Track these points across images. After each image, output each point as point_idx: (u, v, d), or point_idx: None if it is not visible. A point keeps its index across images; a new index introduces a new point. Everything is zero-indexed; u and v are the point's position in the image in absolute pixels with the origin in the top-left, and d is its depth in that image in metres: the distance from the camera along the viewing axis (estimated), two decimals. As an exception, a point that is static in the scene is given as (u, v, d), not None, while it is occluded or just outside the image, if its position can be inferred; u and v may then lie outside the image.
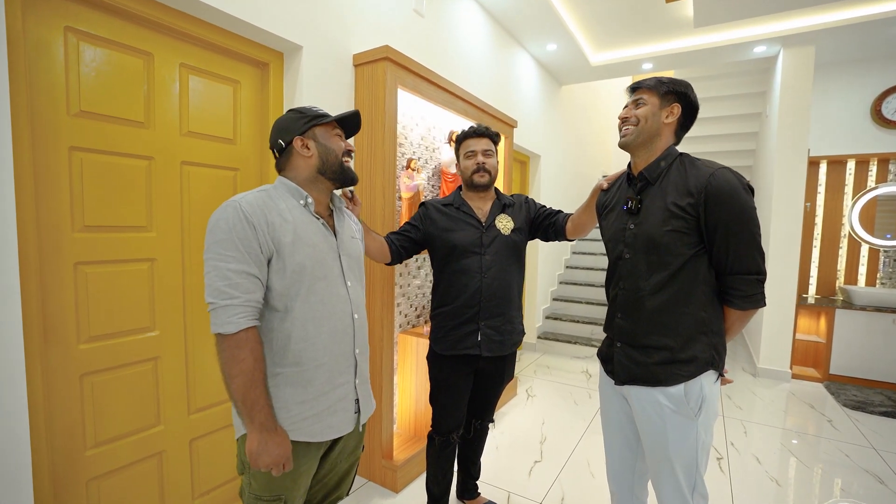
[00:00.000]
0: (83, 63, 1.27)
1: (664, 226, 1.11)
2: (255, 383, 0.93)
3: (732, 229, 1.06)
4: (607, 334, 1.30)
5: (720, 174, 1.07)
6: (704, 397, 1.12)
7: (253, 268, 0.95)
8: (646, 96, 1.17)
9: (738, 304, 1.11)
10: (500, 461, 2.31)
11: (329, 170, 1.11)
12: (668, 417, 1.12)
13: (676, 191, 1.11)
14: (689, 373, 1.11)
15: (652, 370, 1.14)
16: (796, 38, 3.43)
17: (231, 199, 0.98)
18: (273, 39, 1.69)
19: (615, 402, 1.29)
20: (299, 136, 1.08)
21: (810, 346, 3.83)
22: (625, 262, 1.20)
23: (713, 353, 1.12)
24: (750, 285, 1.09)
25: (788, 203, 3.56)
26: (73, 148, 1.26)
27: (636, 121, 1.17)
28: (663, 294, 1.13)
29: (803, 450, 2.49)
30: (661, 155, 1.17)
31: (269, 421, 0.94)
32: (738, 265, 1.08)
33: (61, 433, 1.27)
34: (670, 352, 1.12)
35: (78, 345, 1.30)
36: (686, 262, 1.10)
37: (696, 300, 1.11)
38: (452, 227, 1.61)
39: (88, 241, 1.31)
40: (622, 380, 1.20)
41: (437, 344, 1.63)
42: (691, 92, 1.18)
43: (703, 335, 1.12)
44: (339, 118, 1.13)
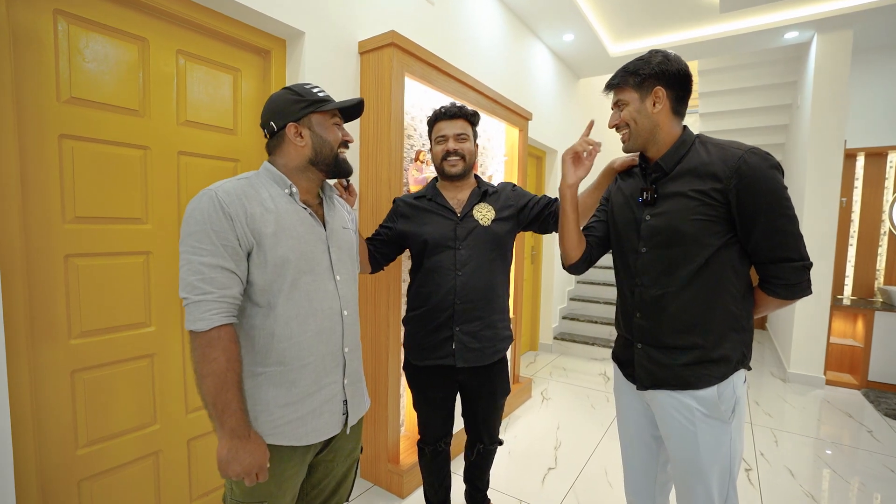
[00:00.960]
0: (74, 48, 1.22)
1: (689, 214, 1.00)
2: (228, 385, 0.85)
3: (772, 214, 0.95)
4: (622, 335, 1.19)
5: (751, 156, 0.96)
6: (738, 398, 1.03)
7: (228, 262, 0.88)
8: (623, 96, 1.07)
9: (782, 294, 1.00)
10: (513, 467, 2.20)
11: (322, 162, 1.02)
12: (700, 422, 1.01)
13: (698, 176, 1.00)
14: (720, 373, 1.01)
15: (679, 373, 1.03)
16: (832, 21, 3.22)
17: (208, 187, 0.91)
18: (274, 25, 1.63)
19: (635, 406, 1.18)
20: (294, 122, 0.99)
21: (846, 351, 3.60)
22: (641, 257, 1.09)
23: (744, 350, 1.03)
24: (796, 273, 0.98)
25: (823, 199, 3.35)
26: (63, 136, 1.22)
27: (626, 125, 1.08)
28: (691, 289, 1.02)
29: (840, 462, 2.31)
30: (677, 142, 1.06)
31: (240, 427, 0.87)
32: (781, 252, 0.97)
33: (51, 431, 1.22)
34: (701, 351, 1.01)
35: (69, 340, 1.26)
36: (714, 253, 0.99)
37: (727, 294, 1.01)
38: (424, 220, 1.46)
39: (80, 233, 1.26)
40: (646, 384, 1.09)
41: (410, 353, 1.50)
42: (667, 63, 1.02)
43: (735, 332, 1.02)
44: (339, 106, 1.04)
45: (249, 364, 0.94)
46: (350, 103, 1.06)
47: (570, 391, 3.28)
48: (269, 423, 0.94)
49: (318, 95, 1.02)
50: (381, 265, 1.53)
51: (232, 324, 0.89)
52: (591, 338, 4.29)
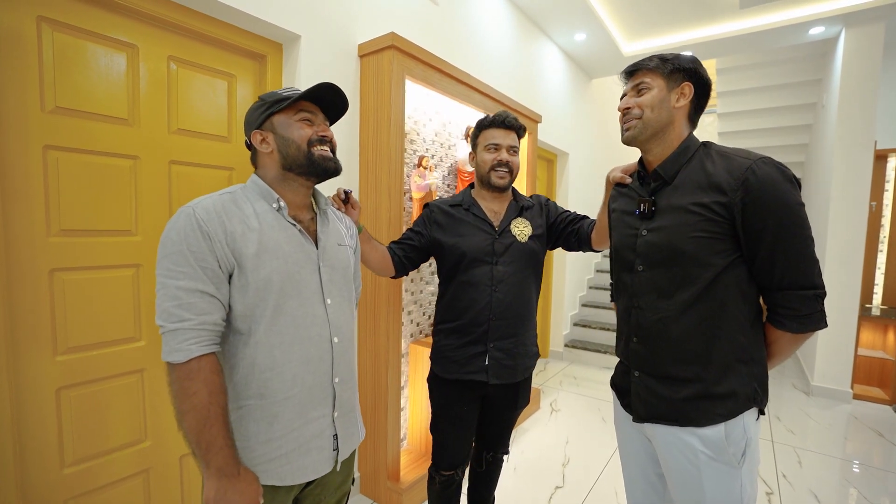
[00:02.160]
0: (59, 56, 1.19)
1: (689, 231, 0.90)
2: (211, 421, 0.78)
3: (782, 234, 0.84)
4: (620, 360, 1.10)
5: (761, 166, 0.86)
6: (749, 440, 0.91)
7: (208, 285, 0.81)
8: (648, 79, 0.97)
9: (790, 326, 0.90)
10: (518, 485, 2.12)
11: (294, 164, 0.93)
12: (705, 466, 0.91)
13: (700, 188, 0.91)
14: (726, 411, 0.90)
15: (679, 406, 0.93)
16: (861, 15, 3.05)
17: (188, 204, 0.85)
18: (269, 29, 1.58)
19: (635, 440, 1.09)
20: (257, 129, 0.93)
21: (875, 363, 3.41)
22: (638, 276, 1.00)
23: (755, 385, 0.91)
24: (806, 303, 0.87)
25: (851, 202, 3.18)
26: (48, 146, 1.18)
27: (640, 112, 0.97)
28: (691, 314, 0.92)
29: (869, 484, 2.16)
30: (679, 147, 0.97)
31: (228, 465, 0.79)
32: (791, 278, 0.87)
33: (35, 450, 1.19)
34: (703, 384, 0.91)
35: (55, 356, 1.22)
36: (718, 274, 0.89)
37: (733, 321, 0.91)
38: (461, 231, 1.41)
39: (66, 246, 1.23)
40: (641, 416, 1.00)
41: (438, 365, 1.44)
42: (700, 66, 0.98)
43: (742, 364, 0.91)
44: (303, 96, 0.93)
45: (232, 397, 0.87)
46: (313, 90, 0.93)
47: (581, 402, 3.17)
48: (249, 460, 0.86)
49: (280, 95, 0.93)
50: (407, 270, 1.48)
51: (214, 353, 0.82)
52: (604, 345, 4.16)
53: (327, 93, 0.96)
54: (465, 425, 1.44)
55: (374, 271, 1.41)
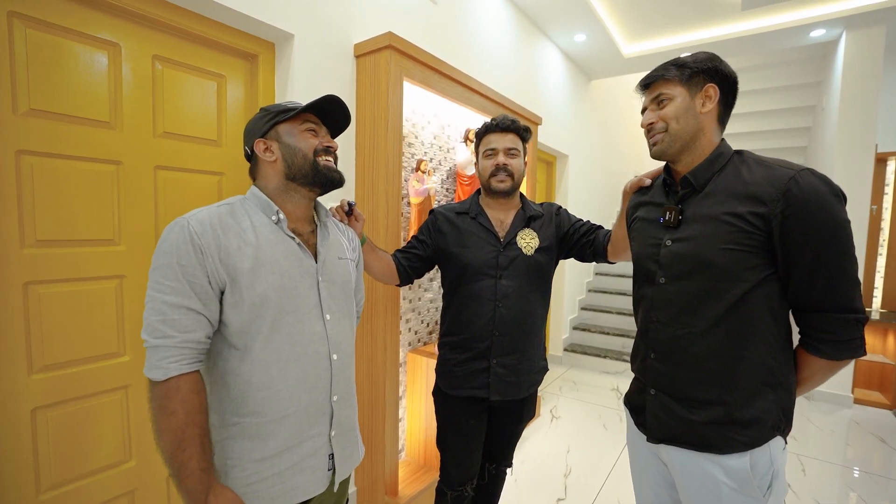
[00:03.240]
0: (33, 56, 1.11)
1: (720, 243, 0.84)
2: (186, 443, 0.75)
3: (824, 252, 0.79)
4: (636, 376, 1.04)
5: (806, 177, 0.80)
6: (776, 471, 0.86)
7: (195, 302, 0.78)
8: (667, 89, 0.91)
9: (826, 352, 0.84)
10: (519, 497, 2.06)
11: (299, 174, 0.91)
12: (728, 498, 0.85)
13: (735, 197, 0.85)
14: (749, 438, 0.84)
15: (699, 430, 0.88)
16: (863, 17, 3.02)
17: (183, 216, 0.81)
18: (261, 28, 1.51)
19: (650, 462, 1.03)
20: (260, 138, 0.91)
21: (875, 367, 3.39)
22: (659, 289, 0.94)
23: (780, 414, 0.86)
24: (847, 328, 0.81)
25: (851, 206, 3.11)
26: (20, 151, 1.10)
27: (664, 126, 0.91)
28: (717, 333, 0.86)
29: (873, 492, 2.13)
30: (712, 154, 0.91)
31: (198, 489, 0.76)
32: (830, 300, 0.81)
33: (7, 476, 1.11)
34: (725, 408, 0.86)
35: (30, 375, 1.14)
36: (749, 290, 0.83)
37: (762, 342, 0.85)
38: (464, 241, 1.35)
39: (42, 258, 1.15)
40: (657, 437, 0.94)
41: (442, 380, 1.39)
42: (721, 62, 0.91)
43: (770, 389, 0.85)
44: (305, 108, 0.92)
45: (224, 413, 0.84)
46: (319, 101, 0.92)
47: (582, 409, 3.12)
48: (240, 479, 0.83)
49: (285, 106, 0.93)
50: (412, 279, 1.43)
51: (197, 371, 0.79)
52: (603, 350, 4.12)
53: (332, 106, 0.95)
54: (474, 438, 1.39)
55: (378, 280, 1.37)
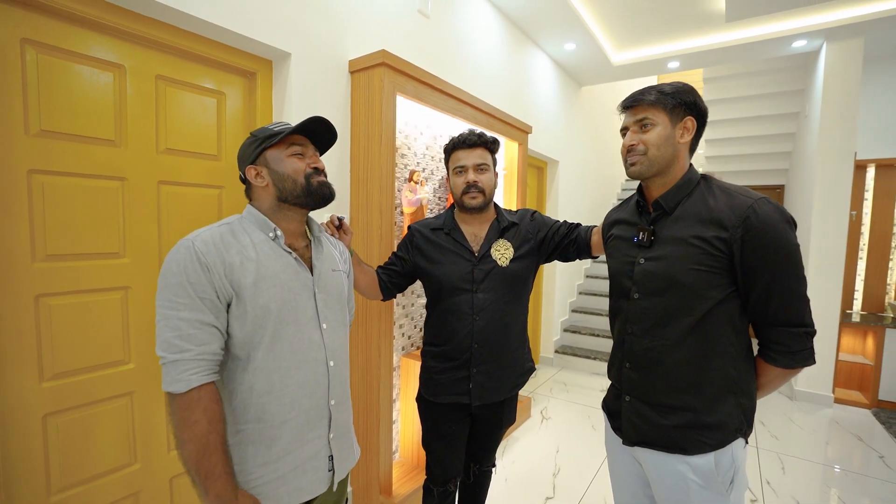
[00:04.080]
0: (44, 79, 1.17)
1: (688, 263, 0.92)
2: (211, 450, 0.80)
3: (778, 273, 0.88)
4: (613, 382, 1.12)
5: (763, 205, 0.89)
6: (737, 468, 0.95)
7: (208, 315, 0.83)
8: (651, 115, 0.97)
9: (781, 362, 0.93)
10: (509, 496, 2.14)
11: (290, 196, 0.96)
12: (695, 494, 0.94)
13: (701, 221, 0.93)
14: (714, 440, 0.93)
15: (670, 434, 0.96)
16: (842, 30, 3.13)
17: (187, 236, 0.87)
18: (259, 47, 1.57)
19: (626, 462, 1.11)
20: (251, 164, 0.96)
21: (855, 368, 3.50)
22: (633, 304, 1.02)
23: (742, 417, 0.94)
24: (797, 340, 0.90)
25: (831, 211, 3.26)
26: (32, 171, 1.16)
27: (644, 149, 0.98)
28: (686, 345, 0.94)
29: (852, 492, 2.22)
30: (681, 180, 0.99)
31: (227, 492, 0.81)
32: (784, 316, 0.90)
33: (19, 479, 1.17)
34: (693, 414, 0.94)
35: (41, 383, 1.20)
36: (713, 307, 0.92)
37: (725, 353, 0.93)
38: (440, 258, 1.39)
39: (52, 271, 1.21)
40: (632, 440, 1.03)
41: (425, 387, 1.45)
42: (698, 97, 1.00)
43: (733, 396, 0.94)
44: (293, 131, 0.96)
45: (230, 421, 0.90)
46: (305, 124, 0.96)
47: (571, 409, 3.20)
48: (248, 482, 0.89)
49: (272, 131, 0.96)
50: (393, 294, 1.48)
51: (213, 382, 0.85)
52: (593, 351, 4.21)
53: (318, 126, 0.98)
54: (456, 441, 1.45)
55: (363, 295, 1.42)
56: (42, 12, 1.15)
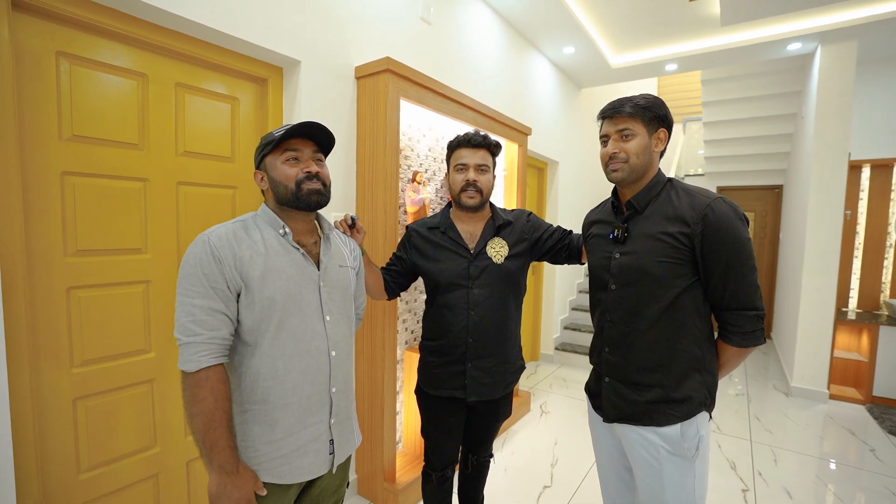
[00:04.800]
0: (76, 88, 1.27)
1: (657, 256, 1.03)
2: (215, 424, 0.89)
3: (732, 263, 0.99)
4: (594, 367, 1.21)
5: (719, 204, 1.00)
6: (701, 437, 1.05)
7: (219, 303, 0.92)
8: (632, 126, 1.07)
9: (736, 342, 1.04)
10: (509, 485, 2.22)
11: (284, 200, 1.01)
12: (665, 460, 1.04)
13: (667, 219, 1.04)
14: (682, 413, 1.03)
15: (643, 409, 1.06)
16: (836, 33, 3.19)
17: (204, 231, 0.96)
18: (270, 55, 1.66)
19: (607, 440, 1.21)
20: (256, 169, 1.05)
21: (851, 365, 3.56)
22: (610, 294, 1.12)
23: (705, 392, 1.05)
24: (749, 322, 1.02)
25: (826, 211, 3.32)
26: (65, 172, 1.26)
27: (626, 157, 1.07)
28: (656, 329, 1.05)
29: (841, 483, 2.29)
30: (651, 182, 1.09)
31: (228, 463, 0.90)
32: (737, 301, 1.01)
33: (53, 458, 1.27)
34: (663, 390, 1.04)
35: (71, 369, 1.30)
36: (679, 294, 1.03)
37: (690, 335, 1.04)
38: (437, 256, 1.44)
39: (81, 266, 1.30)
40: (611, 417, 1.13)
41: (423, 380, 1.52)
42: (668, 111, 1.11)
43: (697, 373, 1.05)
44: (283, 137, 0.99)
45: (238, 401, 0.97)
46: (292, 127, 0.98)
47: (570, 404, 3.28)
48: (254, 458, 0.97)
49: (273, 136, 1.00)
50: (398, 293, 1.55)
51: (222, 364, 0.92)
52: (593, 348, 4.28)
53: (312, 130, 1.01)
54: (453, 431, 1.52)
55: (370, 295, 1.47)
56: (74, 26, 1.25)
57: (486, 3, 2.94)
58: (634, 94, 1.11)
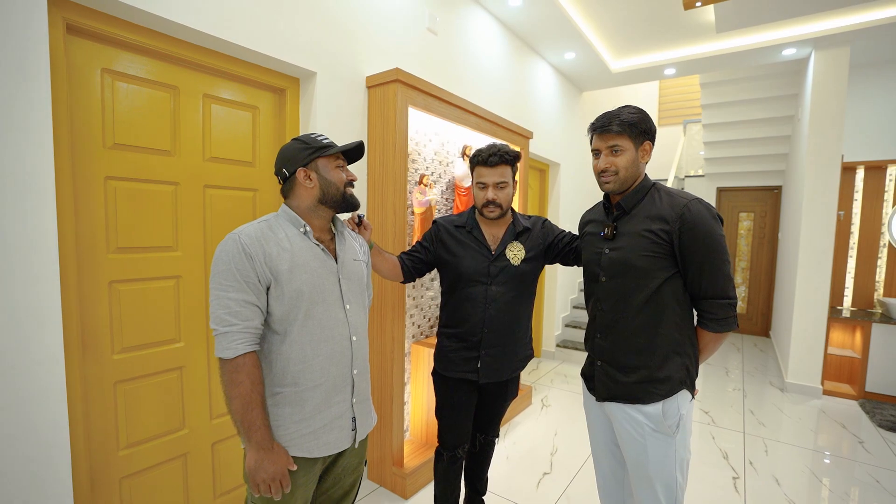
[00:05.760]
0: (117, 101, 1.40)
1: (641, 251, 1.15)
2: (252, 405, 0.98)
3: (707, 256, 1.10)
4: (588, 353, 1.33)
5: (694, 205, 1.12)
6: (682, 415, 1.16)
7: (251, 296, 1.00)
8: (621, 142, 1.18)
9: (711, 327, 1.16)
10: (510, 472, 2.34)
11: (330, 200, 1.14)
12: (649, 435, 1.16)
13: (650, 217, 1.16)
14: (664, 392, 1.15)
15: (630, 388, 1.18)
16: (829, 39, 3.29)
17: (234, 231, 1.04)
18: (289, 67, 1.79)
19: (600, 419, 1.33)
20: (302, 167, 1.11)
21: (845, 361, 3.65)
22: (601, 286, 1.24)
23: (685, 373, 1.17)
24: (722, 309, 1.13)
25: (819, 211, 3.42)
26: (108, 177, 1.39)
27: (616, 170, 1.19)
28: (641, 316, 1.17)
29: (828, 472, 2.40)
30: (637, 187, 1.21)
31: (265, 440, 0.99)
32: (712, 290, 1.13)
33: (98, 436, 1.40)
34: (647, 370, 1.16)
35: (112, 355, 1.43)
36: (661, 284, 1.15)
37: (671, 321, 1.16)
38: (460, 252, 1.58)
39: (121, 262, 1.44)
40: (602, 397, 1.24)
41: (439, 363, 1.65)
42: (653, 124, 1.22)
43: (677, 355, 1.16)
44: (341, 150, 1.16)
45: (269, 385, 1.06)
46: (351, 146, 1.18)
47: (570, 398, 3.40)
48: (285, 436, 1.06)
49: (322, 142, 1.13)
50: (415, 277, 1.67)
51: (255, 351, 1.01)
52: (594, 345, 4.38)
53: (358, 149, 1.20)
54: (465, 411, 1.65)
55: (385, 278, 1.61)
56: (116, 45, 1.38)
57: (490, 13, 3.06)
58: (622, 107, 1.22)
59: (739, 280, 5.60)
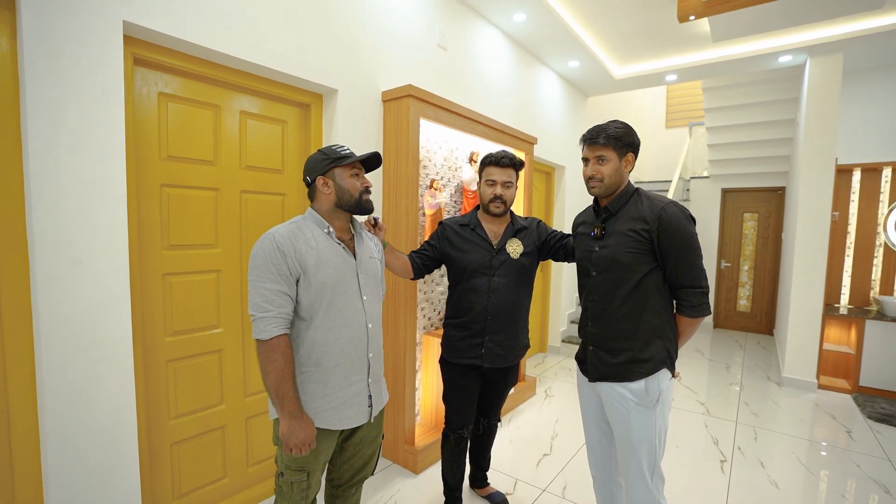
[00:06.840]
0: (170, 119, 1.64)
1: (625, 248, 1.33)
2: (285, 379, 1.13)
3: (681, 252, 1.29)
4: (582, 340, 1.52)
5: (670, 207, 1.30)
6: (662, 390, 1.34)
7: (284, 286, 1.16)
8: (606, 153, 1.36)
9: (687, 313, 1.34)
10: (513, 453, 2.53)
11: (345, 204, 1.28)
12: (632, 409, 1.33)
13: (633, 219, 1.34)
14: (647, 370, 1.32)
15: (618, 369, 1.36)
16: (823, 46, 3.42)
17: (269, 231, 1.20)
18: (313, 85, 2.02)
19: (591, 398, 1.51)
20: (321, 175, 1.26)
21: (840, 357, 3.77)
22: (592, 279, 1.42)
23: (665, 354, 1.34)
24: (696, 296, 1.31)
25: (814, 212, 3.55)
26: (163, 185, 1.63)
27: (602, 177, 1.37)
28: (626, 305, 1.35)
29: (811, 457, 2.54)
30: (621, 192, 1.40)
31: (296, 410, 1.15)
32: (687, 280, 1.31)
33: (153, 406, 1.64)
34: (632, 353, 1.34)
35: (165, 338, 1.67)
36: (643, 277, 1.33)
37: (651, 309, 1.33)
38: (465, 247, 1.76)
39: (173, 257, 1.67)
40: (594, 378, 1.42)
41: (446, 351, 1.84)
42: (636, 137, 1.39)
43: (658, 339, 1.34)
44: (355, 160, 1.29)
45: (297, 365, 1.21)
46: (365, 156, 1.32)
47: (573, 389, 3.57)
48: (311, 409, 1.21)
49: (339, 153, 1.27)
50: (423, 274, 1.86)
51: (287, 333, 1.17)
52: (597, 341, 4.54)
53: (374, 158, 1.36)
54: (469, 395, 1.84)
55: (397, 275, 1.82)
56: (169, 71, 1.62)
57: (496, 27, 3.26)
58: (610, 122, 1.40)
59: (745, 279, 5.70)
